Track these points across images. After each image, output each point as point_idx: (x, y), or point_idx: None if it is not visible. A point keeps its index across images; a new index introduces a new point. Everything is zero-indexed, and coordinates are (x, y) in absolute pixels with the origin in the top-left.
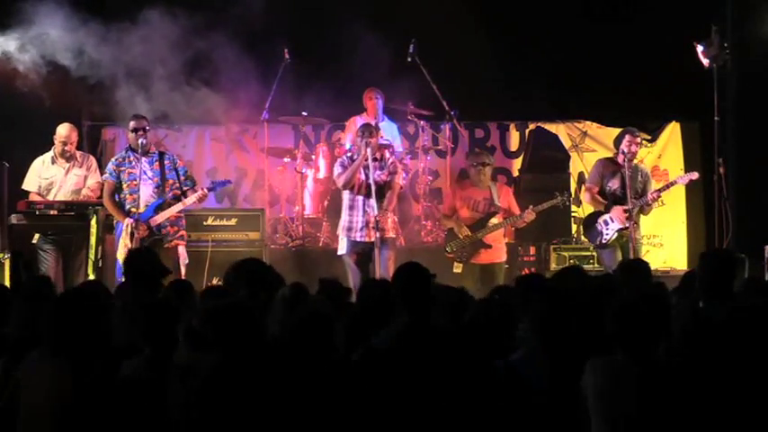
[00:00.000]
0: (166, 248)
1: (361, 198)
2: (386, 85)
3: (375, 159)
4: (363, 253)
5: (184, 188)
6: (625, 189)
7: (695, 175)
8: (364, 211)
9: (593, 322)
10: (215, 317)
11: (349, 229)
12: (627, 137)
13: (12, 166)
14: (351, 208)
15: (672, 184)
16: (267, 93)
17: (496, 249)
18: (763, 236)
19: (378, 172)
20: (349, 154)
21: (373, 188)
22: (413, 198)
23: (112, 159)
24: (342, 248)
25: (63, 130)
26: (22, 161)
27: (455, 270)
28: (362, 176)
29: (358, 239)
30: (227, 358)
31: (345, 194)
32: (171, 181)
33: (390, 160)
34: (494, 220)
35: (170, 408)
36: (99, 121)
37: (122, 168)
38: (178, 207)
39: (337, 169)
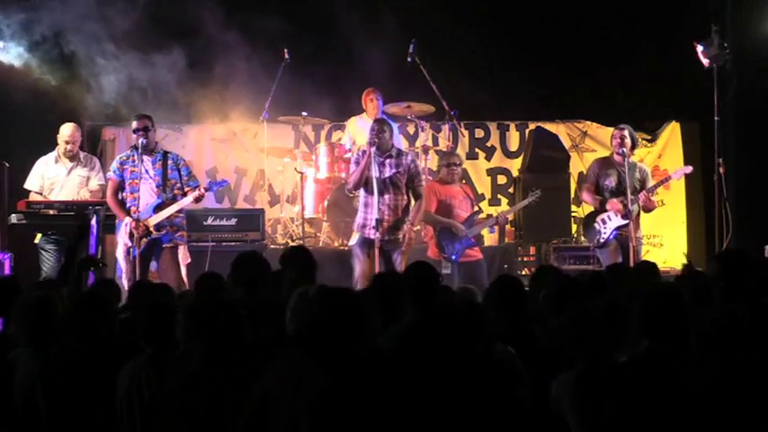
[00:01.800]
0: (166, 248)
1: (375, 196)
2: (386, 85)
3: (390, 156)
4: (374, 251)
5: (186, 188)
6: (621, 186)
7: (689, 169)
8: (378, 209)
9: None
10: (198, 313)
11: (363, 226)
12: (613, 133)
13: (12, 166)
14: (365, 206)
15: (667, 178)
16: (267, 92)
17: (477, 247)
18: (764, 236)
19: (393, 170)
20: (361, 151)
21: (388, 186)
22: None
23: (117, 158)
24: (353, 240)
25: (67, 129)
26: (22, 161)
27: (444, 270)
28: (377, 174)
29: (372, 237)
30: (211, 351)
31: (361, 191)
32: (172, 181)
33: (410, 159)
34: (478, 218)
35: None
36: (99, 121)
37: (125, 167)
38: (176, 207)
39: (352, 167)
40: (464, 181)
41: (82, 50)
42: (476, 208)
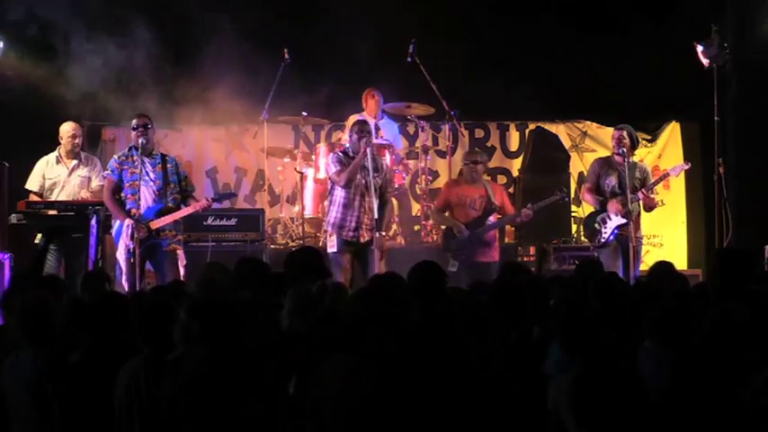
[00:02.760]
0: (164, 252)
1: (357, 197)
2: (386, 85)
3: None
4: (354, 252)
5: (183, 194)
6: (622, 186)
7: (687, 165)
8: (360, 212)
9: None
10: (201, 311)
11: (341, 227)
12: (613, 133)
13: (12, 166)
14: (345, 206)
15: (665, 175)
16: (267, 93)
17: (493, 248)
18: (764, 236)
19: (373, 173)
20: (346, 145)
21: (372, 189)
22: (413, 198)
23: (115, 156)
24: (332, 246)
25: (68, 126)
26: (22, 161)
27: (450, 269)
28: (359, 175)
29: (350, 239)
30: (213, 351)
31: (340, 191)
32: (172, 185)
33: (386, 164)
34: (491, 219)
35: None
36: (99, 121)
37: (125, 167)
38: (181, 214)
39: (334, 166)
40: (489, 178)
41: (77, 50)
42: (494, 206)
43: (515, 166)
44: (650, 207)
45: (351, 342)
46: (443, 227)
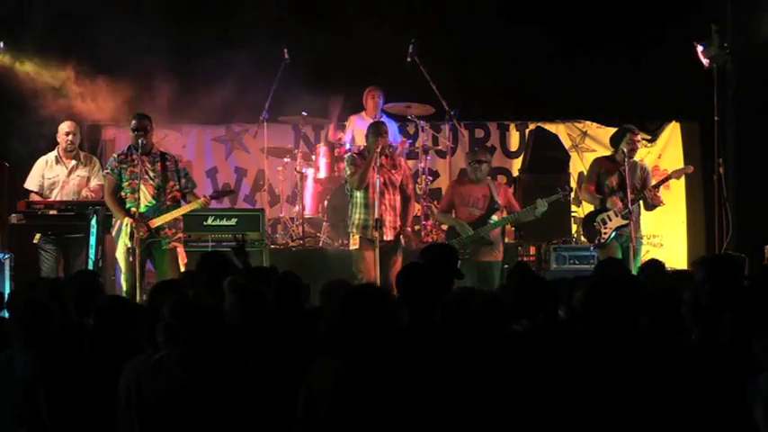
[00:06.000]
0: (165, 250)
1: (377, 197)
2: (386, 85)
3: (387, 156)
4: (377, 250)
5: (184, 191)
6: (623, 186)
7: (690, 169)
8: (381, 210)
9: None
10: (184, 311)
11: (365, 228)
12: (628, 135)
13: (12, 166)
14: (366, 207)
15: (668, 178)
16: (267, 93)
17: (495, 248)
18: (764, 236)
19: (391, 170)
20: (357, 151)
21: (388, 186)
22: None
23: (114, 155)
24: (354, 244)
25: (64, 125)
26: (23, 161)
27: None
28: (377, 176)
29: (374, 238)
30: (193, 350)
31: (359, 192)
32: (171, 183)
33: (404, 160)
34: (494, 218)
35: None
36: (99, 122)
37: (124, 166)
38: (180, 212)
39: (349, 168)
40: (491, 177)
41: (77, 49)
42: (497, 205)
43: (515, 166)
44: (655, 205)
45: (339, 345)
46: (446, 226)
